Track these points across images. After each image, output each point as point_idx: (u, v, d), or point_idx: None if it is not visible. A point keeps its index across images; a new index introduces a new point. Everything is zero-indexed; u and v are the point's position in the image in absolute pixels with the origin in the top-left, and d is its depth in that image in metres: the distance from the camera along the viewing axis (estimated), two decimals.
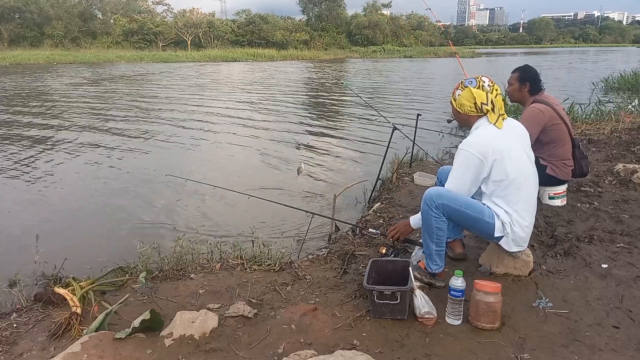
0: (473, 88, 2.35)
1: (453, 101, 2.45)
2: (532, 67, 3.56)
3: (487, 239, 2.54)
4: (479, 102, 2.33)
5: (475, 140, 2.32)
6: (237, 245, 3.15)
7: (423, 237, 2.47)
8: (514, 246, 2.45)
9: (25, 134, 8.96)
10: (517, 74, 3.54)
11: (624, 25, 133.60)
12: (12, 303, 2.62)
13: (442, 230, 2.39)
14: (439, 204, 2.33)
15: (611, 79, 13.34)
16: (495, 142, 2.29)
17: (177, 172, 5.84)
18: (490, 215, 2.36)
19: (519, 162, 2.35)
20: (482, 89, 2.35)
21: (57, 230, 4.32)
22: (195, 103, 13.41)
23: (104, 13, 54.20)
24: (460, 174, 2.35)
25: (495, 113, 2.34)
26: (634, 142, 5.73)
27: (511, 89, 3.59)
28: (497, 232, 2.38)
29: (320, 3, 62.39)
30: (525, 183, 2.36)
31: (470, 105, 2.35)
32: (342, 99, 15.14)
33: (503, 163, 2.28)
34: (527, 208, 2.40)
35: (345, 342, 2.11)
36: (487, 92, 2.35)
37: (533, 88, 3.50)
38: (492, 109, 2.34)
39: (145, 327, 2.15)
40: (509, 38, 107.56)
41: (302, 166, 4.30)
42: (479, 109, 2.35)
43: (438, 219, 2.36)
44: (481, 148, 2.28)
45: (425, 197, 2.38)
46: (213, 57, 44.03)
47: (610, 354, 1.98)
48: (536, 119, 3.33)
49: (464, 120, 2.45)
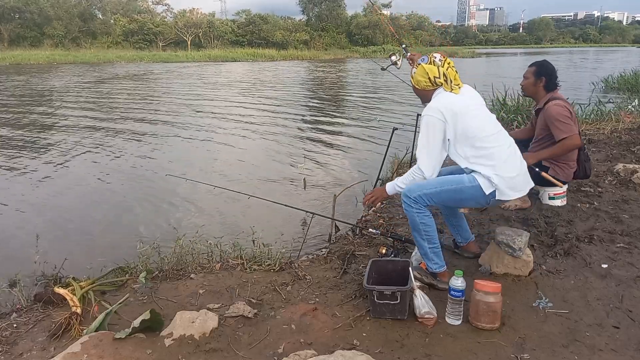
0: (425, 64, 2.44)
1: (411, 79, 2.54)
2: (550, 62, 3.52)
3: (482, 204, 2.49)
4: (432, 76, 2.42)
5: (433, 105, 2.40)
6: (237, 245, 3.15)
7: (414, 238, 2.48)
8: (511, 192, 2.41)
9: (25, 133, 8.95)
10: (534, 68, 3.50)
11: (624, 25, 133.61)
12: (12, 303, 2.62)
13: (428, 226, 2.40)
14: (415, 197, 2.36)
15: (611, 79, 13.33)
16: (452, 103, 2.37)
17: (177, 172, 5.84)
18: (470, 179, 2.38)
19: (479, 119, 2.42)
20: (434, 64, 2.43)
21: (57, 230, 4.32)
22: (195, 103, 13.41)
23: (104, 13, 54.21)
24: (427, 141, 2.38)
25: (448, 84, 2.43)
26: (634, 142, 5.72)
27: (526, 83, 3.55)
28: (486, 189, 2.36)
29: (320, 3, 62.37)
30: (494, 138, 2.42)
31: (425, 80, 2.44)
32: (342, 99, 15.13)
33: (465, 119, 2.35)
34: (507, 159, 2.41)
35: (345, 342, 2.11)
36: (439, 66, 2.43)
37: (549, 84, 3.47)
38: (445, 80, 2.42)
39: (145, 327, 2.15)
40: (509, 38, 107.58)
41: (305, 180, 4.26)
42: (434, 83, 2.44)
43: (421, 214, 2.37)
44: (440, 110, 2.35)
45: (402, 197, 2.43)
46: (213, 57, 44.02)
47: (610, 354, 1.98)
48: (565, 113, 3.33)
49: (422, 95, 2.53)
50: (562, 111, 3.33)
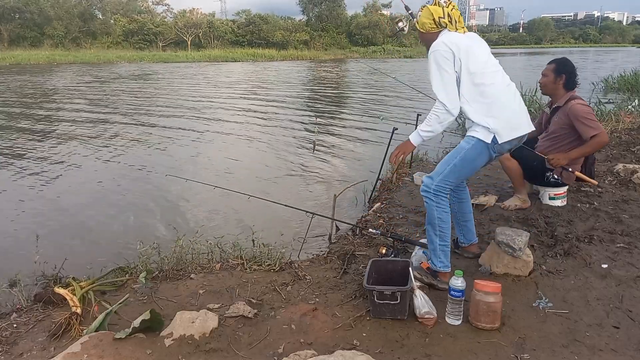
0: (430, 5, 2.44)
1: (416, 24, 2.51)
2: (569, 60, 3.49)
3: (491, 155, 2.43)
4: (437, 17, 2.42)
5: (439, 41, 2.38)
6: (237, 245, 3.15)
7: (427, 232, 2.47)
8: (512, 132, 2.39)
9: (25, 133, 8.95)
10: (554, 66, 3.47)
11: (624, 25, 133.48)
12: (12, 303, 2.62)
13: (444, 222, 2.39)
14: (435, 189, 2.37)
15: (611, 79, 13.33)
16: (458, 38, 2.37)
17: (177, 172, 5.85)
18: (467, 140, 2.39)
19: (482, 55, 2.43)
20: (439, 5, 2.43)
21: (57, 230, 4.32)
22: (195, 103, 13.41)
23: (104, 13, 54.17)
24: (440, 76, 2.34)
25: (452, 24, 2.43)
26: (634, 142, 5.73)
27: (545, 80, 3.52)
28: (485, 137, 2.34)
29: (320, 3, 62.35)
30: (492, 75, 2.42)
31: (430, 21, 2.43)
32: (342, 98, 15.13)
33: (469, 54, 2.35)
34: (503, 97, 2.41)
35: (345, 342, 2.11)
36: (443, 7, 2.43)
37: (568, 82, 3.44)
38: (450, 21, 2.42)
39: (145, 327, 2.15)
40: (509, 38, 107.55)
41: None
42: (438, 24, 2.43)
43: (440, 208, 2.37)
44: (446, 43, 2.34)
45: (421, 190, 2.44)
46: (213, 57, 44.02)
47: (610, 354, 1.98)
48: (590, 110, 3.35)
49: (428, 39, 2.49)
50: (588, 109, 3.35)
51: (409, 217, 3.66)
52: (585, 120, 3.31)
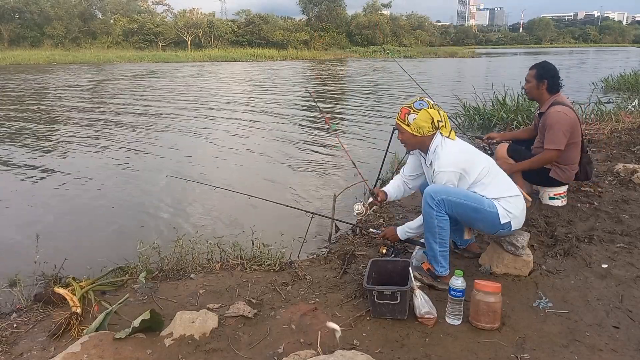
0: (427, 109, 2.40)
1: (406, 127, 2.43)
2: (550, 63, 3.43)
3: (492, 232, 2.49)
4: (436, 120, 2.40)
5: (450, 160, 2.38)
6: (237, 245, 3.15)
7: (426, 238, 2.46)
8: (517, 223, 2.47)
9: (26, 133, 8.95)
10: (535, 71, 3.41)
11: (624, 25, 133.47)
12: (12, 303, 2.62)
13: (444, 230, 2.39)
14: (439, 200, 2.34)
15: (611, 79, 13.33)
16: (463, 154, 2.42)
17: (178, 172, 5.85)
18: (490, 204, 2.38)
19: (483, 156, 2.50)
20: (433, 107, 2.42)
21: (57, 230, 4.32)
22: (195, 103, 13.41)
23: (104, 13, 54.19)
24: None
25: (447, 127, 2.43)
26: (634, 142, 5.73)
27: (528, 87, 3.47)
28: (503, 218, 2.39)
29: (320, 3, 62.43)
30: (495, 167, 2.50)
31: (428, 125, 2.39)
32: (342, 99, 15.13)
33: (475, 164, 2.41)
34: (510, 183, 2.49)
35: (345, 342, 2.11)
36: (439, 109, 2.43)
37: (551, 86, 3.38)
38: (445, 124, 2.43)
39: (145, 327, 2.15)
40: (509, 38, 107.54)
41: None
42: (435, 127, 2.41)
43: (440, 217, 2.36)
44: (459, 165, 2.38)
45: (425, 196, 2.39)
46: (213, 57, 44.02)
47: (610, 354, 1.98)
48: (565, 122, 3.24)
49: (418, 143, 2.46)
50: (561, 120, 3.25)
51: (409, 217, 3.65)
52: (551, 129, 3.25)
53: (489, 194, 2.40)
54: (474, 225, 2.54)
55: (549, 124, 3.28)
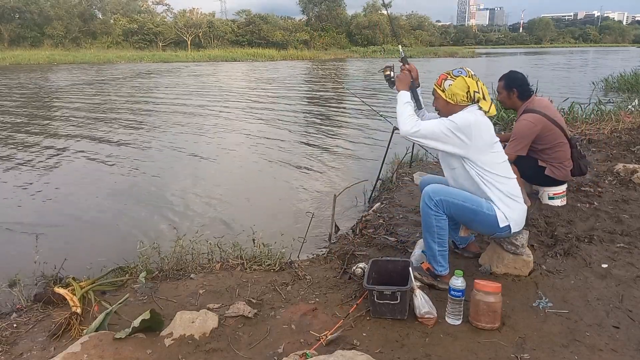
0: (465, 77, 2.33)
1: (441, 92, 2.38)
2: (517, 72, 3.51)
3: (490, 233, 2.48)
4: (472, 90, 2.32)
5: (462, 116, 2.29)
6: (237, 245, 3.15)
7: (424, 238, 2.46)
8: (516, 227, 2.43)
9: (26, 133, 8.95)
10: (503, 82, 3.50)
11: (624, 25, 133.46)
12: (12, 303, 2.62)
13: (443, 229, 2.39)
14: (438, 201, 2.33)
15: (611, 79, 13.33)
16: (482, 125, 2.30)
17: (178, 172, 5.85)
18: (489, 207, 2.35)
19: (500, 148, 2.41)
20: (472, 78, 2.35)
21: (57, 230, 4.32)
22: (195, 103, 13.41)
23: (104, 13, 54.25)
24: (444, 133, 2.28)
25: (487, 100, 2.35)
26: (634, 142, 5.72)
27: (501, 98, 3.57)
28: (502, 222, 2.34)
29: (320, 3, 62.46)
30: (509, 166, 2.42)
31: (463, 94, 2.32)
32: (342, 98, 15.13)
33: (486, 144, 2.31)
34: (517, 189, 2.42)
35: (345, 342, 2.11)
36: (477, 80, 2.35)
37: (522, 93, 3.46)
38: (483, 96, 2.34)
39: (145, 327, 2.15)
40: (509, 38, 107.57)
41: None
42: (471, 98, 2.33)
43: (438, 217, 2.35)
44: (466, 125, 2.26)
45: (423, 196, 2.38)
46: (213, 57, 44.04)
47: (610, 354, 1.98)
48: (528, 132, 3.32)
49: (450, 112, 2.37)
50: (524, 128, 3.33)
51: (409, 217, 3.66)
52: (513, 137, 3.34)
53: (493, 194, 2.36)
54: (472, 226, 2.52)
55: (513, 132, 3.39)
